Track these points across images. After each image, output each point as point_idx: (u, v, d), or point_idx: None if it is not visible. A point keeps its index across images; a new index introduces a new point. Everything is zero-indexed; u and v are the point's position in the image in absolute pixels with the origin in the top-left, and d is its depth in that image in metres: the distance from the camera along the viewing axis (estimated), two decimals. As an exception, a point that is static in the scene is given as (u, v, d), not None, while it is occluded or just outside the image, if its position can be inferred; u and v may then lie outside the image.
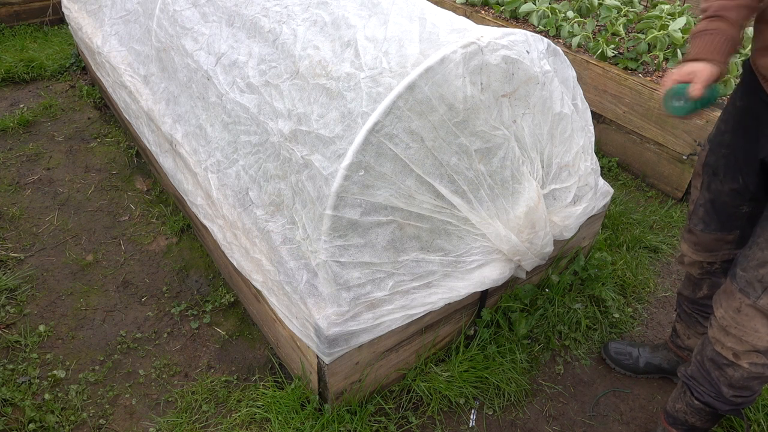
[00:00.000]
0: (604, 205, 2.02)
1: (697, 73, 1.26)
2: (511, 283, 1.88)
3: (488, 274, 1.61)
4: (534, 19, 3.37)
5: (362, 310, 1.46)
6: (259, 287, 1.64)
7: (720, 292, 1.42)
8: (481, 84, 1.36)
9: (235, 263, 1.74)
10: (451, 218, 1.48)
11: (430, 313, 1.58)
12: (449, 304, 1.60)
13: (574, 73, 1.66)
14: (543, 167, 1.60)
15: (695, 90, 1.24)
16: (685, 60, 1.32)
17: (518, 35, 1.42)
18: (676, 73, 1.30)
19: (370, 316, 1.46)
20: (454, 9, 3.72)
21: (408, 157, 1.33)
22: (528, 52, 1.41)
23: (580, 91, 1.69)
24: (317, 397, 1.68)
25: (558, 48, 1.57)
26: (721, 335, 1.39)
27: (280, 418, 1.68)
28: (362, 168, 1.31)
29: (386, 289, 1.48)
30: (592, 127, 1.76)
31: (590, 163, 1.69)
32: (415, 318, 1.54)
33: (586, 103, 1.75)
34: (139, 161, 2.93)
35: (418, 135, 1.32)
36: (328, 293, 1.44)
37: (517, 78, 1.42)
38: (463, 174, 1.42)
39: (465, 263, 1.58)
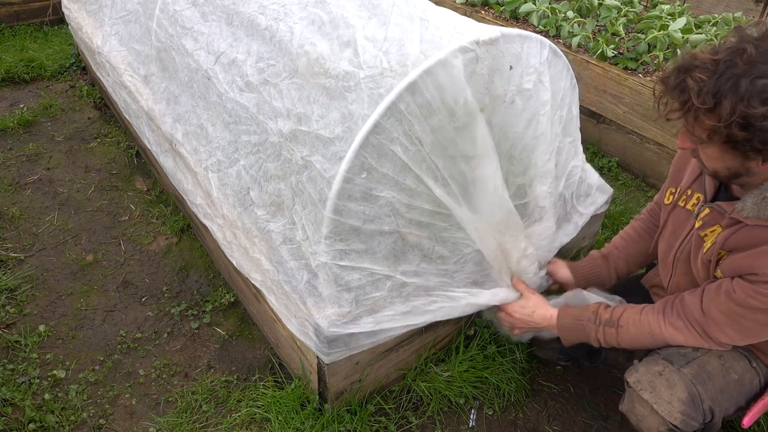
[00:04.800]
0: (605, 203, 2.02)
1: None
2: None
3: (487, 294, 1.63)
4: (534, 19, 3.37)
5: (363, 313, 1.46)
6: (258, 286, 1.64)
7: None
8: (476, 89, 1.36)
9: (234, 262, 1.74)
10: (448, 222, 1.48)
11: (430, 313, 1.59)
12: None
13: (570, 84, 1.62)
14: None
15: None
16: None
17: (515, 45, 1.39)
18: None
19: (370, 320, 1.46)
20: (454, 9, 3.72)
21: (407, 158, 1.33)
22: (511, 67, 1.40)
23: (569, 100, 1.65)
24: (317, 397, 1.68)
25: (555, 58, 1.52)
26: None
27: (280, 418, 1.68)
28: (364, 170, 1.31)
29: (384, 290, 1.48)
30: (567, 144, 1.73)
31: (551, 188, 1.67)
32: (416, 328, 1.54)
33: (574, 112, 1.72)
34: (139, 161, 2.93)
35: (417, 138, 1.32)
36: (328, 294, 1.44)
37: (493, 91, 1.40)
38: (455, 179, 1.42)
39: (462, 272, 1.59)
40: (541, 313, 1.59)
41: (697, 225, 1.35)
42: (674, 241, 1.45)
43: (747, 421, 1.35)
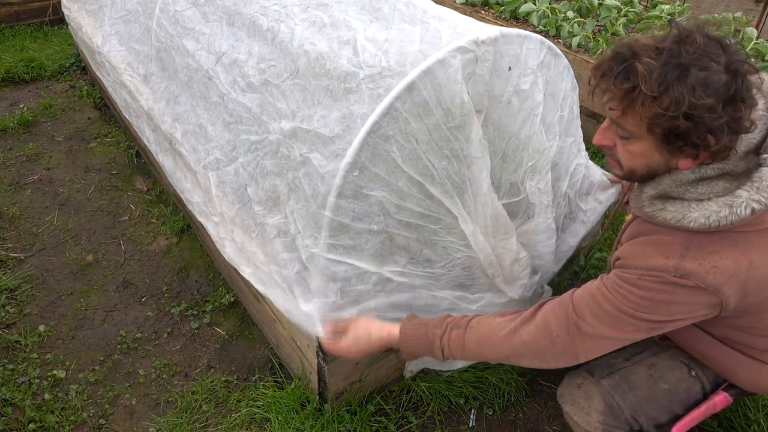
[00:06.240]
0: (608, 200, 2.01)
1: None
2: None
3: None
4: (534, 19, 3.37)
5: (347, 304, 1.46)
6: (247, 277, 1.62)
7: None
8: (475, 90, 1.36)
9: (226, 257, 1.73)
10: (438, 225, 1.48)
11: (430, 313, 1.58)
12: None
13: (570, 85, 1.62)
14: (493, 182, 1.58)
15: None
16: None
17: (514, 46, 1.39)
18: None
19: (354, 311, 1.46)
20: (454, 9, 3.72)
21: (402, 158, 1.34)
22: (510, 68, 1.39)
23: (570, 101, 1.65)
24: (317, 397, 1.68)
25: (555, 59, 1.51)
26: None
27: (280, 418, 1.68)
28: (357, 168, 1.31)
29: (369, 284, 1.48)
30: (569, 145, 1.73)
31: (540, 184, 1.66)
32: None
33: (575, 112, 1.72)
34: (139, 161, 2.93)
35: (413, 136, 1.32)
36: (316, 286, 1.45)
37: (491, 91, 1.40)
38: (452, 179, 1.42)
39: (448, 275, 1.59)
40: (377, 329, 1.38)
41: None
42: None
43: (675, 430, 1.33)
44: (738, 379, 1.31)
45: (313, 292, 1.45)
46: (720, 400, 1.35)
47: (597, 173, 2.01)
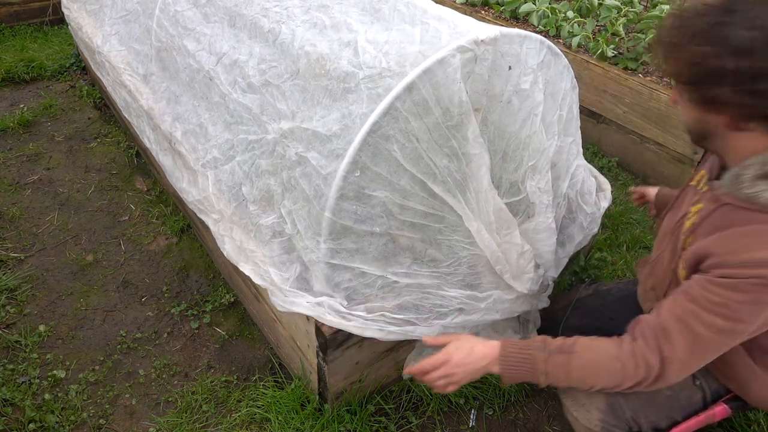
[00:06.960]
0: (606, 200, 2.02)
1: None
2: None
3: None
4: (534, 19, 3.37)
5: (353, 305, 1.46)
6: (248, 273, 1.62)
7: None
8: (474, 89, 1.36)
9: (225, 254, 1.73)
10: (442, 223, 1.48)
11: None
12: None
13: (570, 84, 1.63)
14: (493, 182, 1.58)
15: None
16: None
17: (514, 46, 1.39)
18: None
19: (361, 308, 1.46)
20: (454, 9, 3.72)
21: (404, 157, 1.34)
22: (510, 68, 1.40)
23: (570, 100, 1.65)
24: (317, 397, 1.68)
25: (555, 58, 1.52)
26: None
27: (280, 418, 1.68)
28: (358, 169, 1.31)
29: (375, 288, 1.48)
30: (568, 144, 1.73)
31: (540, 183, 1.65)
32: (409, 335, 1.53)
33: (575, 112, 1.72)
34: (139, 161, 2.93)
35: (414, 135, 1.33)
36: (319, 289, 1.44)
37: (491, 91, 1.40)
38: (453, 177, 1.42)
39: (455, 275, 1.59)
40: (480, 347, 1.30)
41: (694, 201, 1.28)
42: (676, 215, 1.34)
43: None
44: (749, 393, 1.29)
45: (316, 294, 1.45)
46: (719, 411, 1.34)
47: (596, 175, 2.02)
